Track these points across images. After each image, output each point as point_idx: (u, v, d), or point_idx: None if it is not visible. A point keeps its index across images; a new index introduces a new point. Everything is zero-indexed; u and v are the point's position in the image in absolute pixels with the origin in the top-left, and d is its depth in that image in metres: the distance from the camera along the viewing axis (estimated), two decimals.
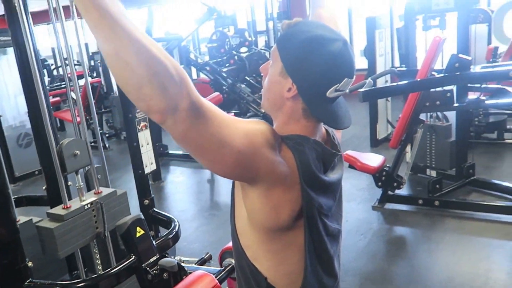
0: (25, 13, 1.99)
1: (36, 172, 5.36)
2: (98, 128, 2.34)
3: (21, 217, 2.15)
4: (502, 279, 2.71)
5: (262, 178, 0.89)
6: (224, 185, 4.88)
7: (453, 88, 3.41)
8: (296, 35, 0.96)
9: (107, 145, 6.63)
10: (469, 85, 3.68)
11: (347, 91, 0.98)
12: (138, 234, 1.79)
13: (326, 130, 1.10)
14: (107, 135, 7.22)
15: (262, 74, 1.06)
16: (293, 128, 0.99)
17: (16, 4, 1.96)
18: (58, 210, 1.86)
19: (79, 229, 1.86)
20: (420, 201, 3.66)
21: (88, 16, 0.68)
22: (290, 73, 0.95)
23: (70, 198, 1.99)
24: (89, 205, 1.90)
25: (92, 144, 2.33)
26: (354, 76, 0.98)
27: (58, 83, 8.25)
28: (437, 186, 3.64)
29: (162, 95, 0.72)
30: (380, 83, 4.99)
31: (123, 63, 0.70)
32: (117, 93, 6.84)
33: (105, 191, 2.01)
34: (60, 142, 1.92)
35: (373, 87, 3.49)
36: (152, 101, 0.72)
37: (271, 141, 0.89)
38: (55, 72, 10.12)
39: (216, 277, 1.72)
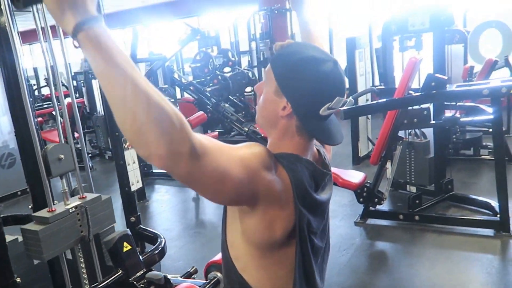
0: (15, 33, 2.03)
1: (19, 193, 5.30)
2: (85, 147, 2.38)
3: (7, 236, 2.16)
4: None
5: (261, 199, 0.92)
6: (209, 203, 4.91)
7: (430, 106, 3.54)
8: (289, 56, 1.01)
9: (90, 165, 6.60)
10: (445, 103, 3.82)
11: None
12: (125, 249, 1.82)
13: (318, 150, 1.14)
14: (90, 155, 7.19)
15: (257, 93, 1.10)
16: (287, 144, 1.03)
17: (6, 24, 2.00)
18: (43, 213, 1.88)
19: (64, 232, 1.88)
20: (401, 216, 3.74)
21: (95, 64, 0.72)
22: (284, 93, 1.00)
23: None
24: (73, 209, 1.92)
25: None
26: (345, 95, 1.02)
27: (40, 103, 8.22)
28: (417, 201, 3.73)
29: (163, 141, 0.73)
30: (361, 101, 5.12)
31: (126, 110, 0.72)
32: (101, 113, 6.85)
33: (89, 196, 2.04)
34: (45, 147, 1.96)
35: (354, 106, 3.60)
36: (152, 147, 0.73)
37: (266, 162, 0.93)
38: (36, 92, 10.08)
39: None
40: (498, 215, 3.35)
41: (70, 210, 1.92)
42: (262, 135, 6.89)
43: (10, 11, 2.03)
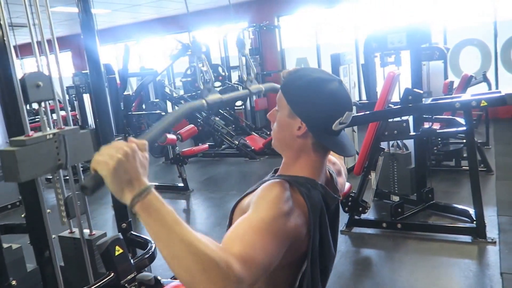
0: (12, 47, 2.11)
1: (9, 206, 5.35)
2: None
3: None
4: None
5: (291, 240, 1.01)
6: (199, 214, 5.03)
7: (409, 118, 3.71)
8: (297, 80, 1.11)
9: (82, 178, 6.65)
10: (424, 116, 4.00)
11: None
12: (117, 253, 1.92)
13: (331, 175, 1.23)
14: (82, 168, 7.24)
15: (270, 120, 1.20)
16: (302, 163, 1.13)
17: (4, 38, 2.08)
18: (20, 137, 1.89)
19: (41, 157, 1.88)
20: (384, 225, 3.87)
21: (149, 228, 0.84)
22: (298, 113, 1.09)
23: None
24: (51, 136, 1.94)
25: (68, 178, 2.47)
26: (354, 109, 1.14)
27: (32, 117, 8.28)
28: (399, 210, 3.86)
29: None
30: None
31: (179, 264, 0.82)
32: (93, 126, 6.96)
33: (68, 127, 2.08)
34: (23, 73, 1.97)
35: None
36: None
37: (285, 207, 0.99)
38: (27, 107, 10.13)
39: None
40: (475, 222, 3.50)
41: (48, 137, 1.93)
42: (253, 147, 7.04)
43: (8, 25, 2.14)
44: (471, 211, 3.67)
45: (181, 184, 5.73)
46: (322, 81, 1.10)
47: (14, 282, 1.90)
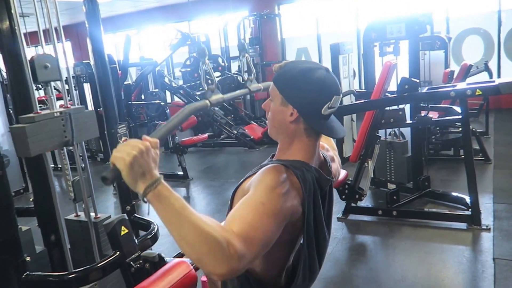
0: (22, 35, 2.15)
1: (13, 194, 5.41)
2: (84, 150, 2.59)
3: None
4: (449, 277, 3.01)
5: (289, 218, 1.12)
6: (199, 201, 5.12)
7: (404, 106, 3.78)
8: (288, 72, 1.22)
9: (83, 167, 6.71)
10: (421, 104, 4.06)
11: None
12: (122, 233, 2.00)
13: (325, 158, 1.33)
14: (81, 157, 7.29)
15: (265, 109, 1.31)
16: (297, 148, 1.23)
17: (15, 27, 2.12)
18: (29, 115, 2.03)
19: (49, 134, 2.02)
20: (380, 212, 3.95)
21: (160, 214, 0.97)
22: (289, 101, 1.20)
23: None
24: (58, 114, 2.08)
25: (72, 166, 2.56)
26: (341, 94, 1.25)
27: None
28: (394, 197, 3.93)
29: (217, 264, 0.93)
30: (346, 103, 5.33)
31: (187, 245, 0.95)
32: None
33: (73, 106, 2.23)
34: (32, 56, 2.11)
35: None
36: (210, 268, 0.95)
37: (282, 187, 1.10)
38: None
39: (192, 264, 1.94)
40: (470, 210, 3.58)
41: (55, 114, 2.07)
42: (252, 137, 7.11)
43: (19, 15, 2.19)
44: (467, 198, 3.74)
45: (180, 173, 5.81)
46: (309, 69, 1.20)
47: (28, 258, 2.00)
